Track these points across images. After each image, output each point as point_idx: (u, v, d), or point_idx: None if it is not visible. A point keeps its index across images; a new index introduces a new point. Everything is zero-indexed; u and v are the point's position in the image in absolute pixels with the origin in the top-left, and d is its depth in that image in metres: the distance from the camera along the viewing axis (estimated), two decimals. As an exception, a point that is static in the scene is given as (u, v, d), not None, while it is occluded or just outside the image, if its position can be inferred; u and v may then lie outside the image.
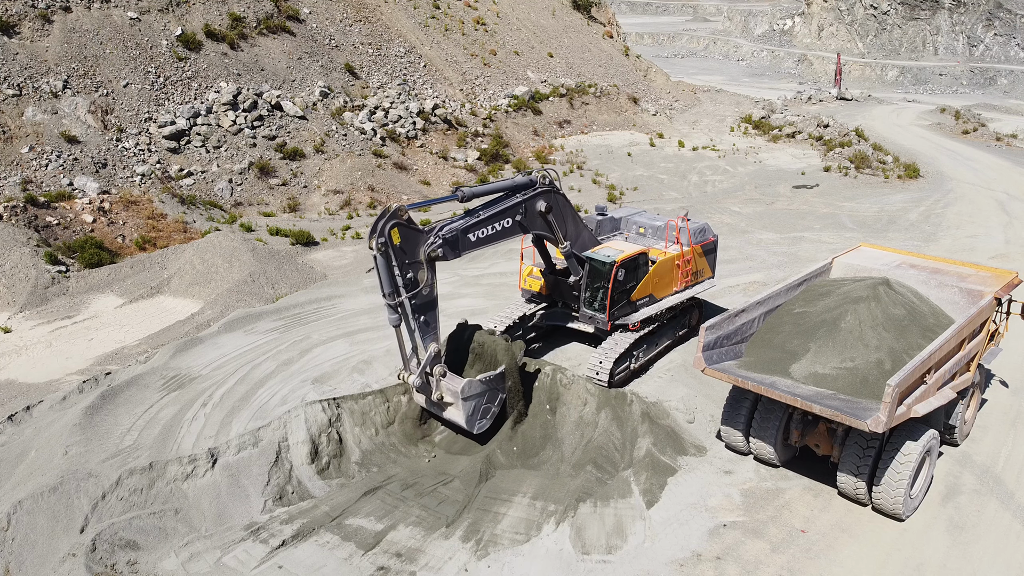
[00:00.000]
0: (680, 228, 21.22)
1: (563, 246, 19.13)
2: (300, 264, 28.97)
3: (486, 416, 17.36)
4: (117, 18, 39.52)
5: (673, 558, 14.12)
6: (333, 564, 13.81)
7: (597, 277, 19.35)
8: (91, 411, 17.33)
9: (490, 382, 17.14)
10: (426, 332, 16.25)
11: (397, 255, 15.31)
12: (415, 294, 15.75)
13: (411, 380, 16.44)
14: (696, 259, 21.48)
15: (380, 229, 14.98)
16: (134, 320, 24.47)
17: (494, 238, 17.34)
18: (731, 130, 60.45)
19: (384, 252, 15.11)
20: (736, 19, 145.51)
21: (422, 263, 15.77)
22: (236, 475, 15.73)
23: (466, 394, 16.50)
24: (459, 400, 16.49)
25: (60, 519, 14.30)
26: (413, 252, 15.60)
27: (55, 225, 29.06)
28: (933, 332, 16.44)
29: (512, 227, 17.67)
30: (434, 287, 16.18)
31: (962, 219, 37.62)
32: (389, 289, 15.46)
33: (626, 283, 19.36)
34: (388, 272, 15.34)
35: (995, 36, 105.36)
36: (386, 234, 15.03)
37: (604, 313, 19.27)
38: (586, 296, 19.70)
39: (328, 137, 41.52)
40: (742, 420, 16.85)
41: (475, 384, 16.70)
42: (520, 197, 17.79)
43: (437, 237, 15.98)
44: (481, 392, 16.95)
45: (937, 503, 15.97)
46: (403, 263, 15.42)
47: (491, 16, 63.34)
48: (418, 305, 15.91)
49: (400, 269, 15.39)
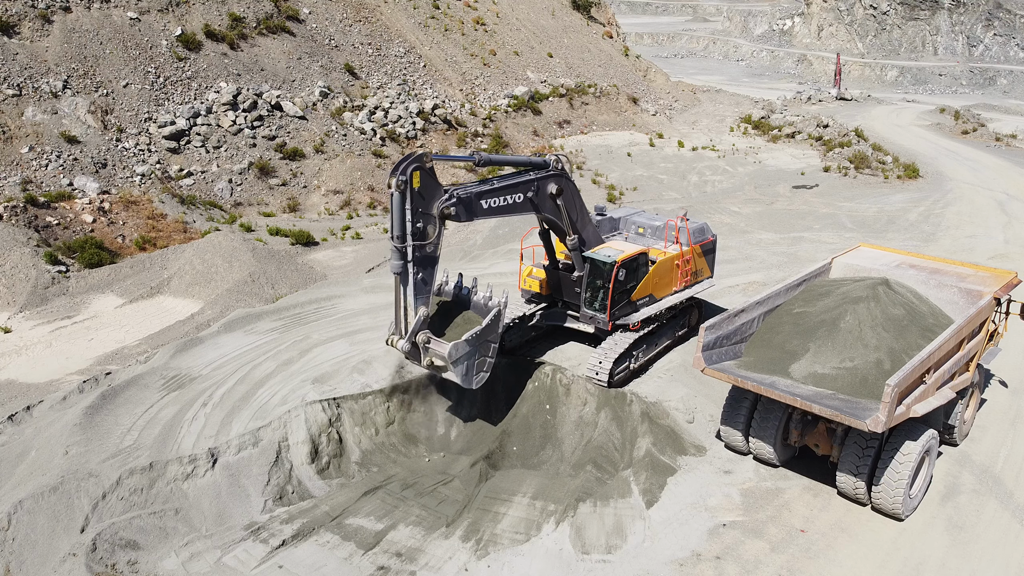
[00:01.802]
0: (679, 228, 21.24)
1: (571, 239, 19.17)
2: (300, 264, 28.99)
3: (482, 369, 17.07)
4: (117, 18, 39.53)
5: (673, 558, 14.13)
6: (333, 564, 13.83)
7: (598, 277, 19.38)
8: (91, 411, 17.34)
9: (478, 338, 16.75)
10: (420, 292, 16.06)
11: (414, 199, 15.32)
12: (421, 246, 15.70)
13: (400, 346, 16.21)
14: (695, 259, 21.51)
15: (403, 169, 15.07)
16: (134, 320, 24.48)
17: (505, 210, 17.41)
18: (731, 130, 60.48)
19: (402, 191, 15.14)
20: (736, 19, 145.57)
21: (434, 218, 15.77)
22: (236, 475, 15.75)
23: (454, 357, 16.21)
24: (449, 363, 16.25)
25: (60, 519, 14.32)
26: (428, 203, 15.62)
27: (55, 225, 29.07)
28: (932, 332, 16.46)
29: (523, 203, 17.72)
30: (438, 247, 16.15)
31: (961, 219, 37.65)
32: (399, 232, 15.40)
33: (627, 283, 19.39)
34: (401, 213, 15.30)
35: (995, 36, 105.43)
36: (408, 174, 15.07)
37: (605, 313, 19.29)
38: (586, 296, 19.71)
39: (328, 137, 41.54)
40: (742, 420, 16.87)
41: (461, 345, 16.34)
42: (533, 175, 17.97)
43: (453, 196, 16.06)
44: (471, 351, 16.60)
45: (936, 503, 15.99)
46: (416, 211, 15.40)
47: (491, 16, 63.37)
48: (420, 259, 15.79)
49: (413, 215, 15.37)
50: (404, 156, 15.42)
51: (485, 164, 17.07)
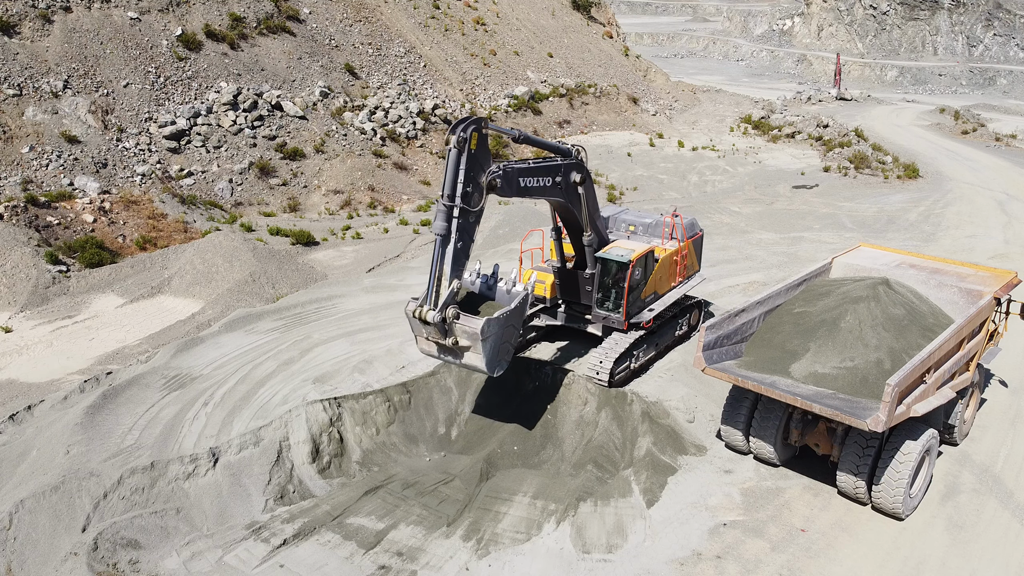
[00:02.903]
0: (674, 224, 21.40)
1: (587, 236, 19.22)
2: (300, 264, 29.01)
3: (505, 356, 16.29)
4: (117, 18, 39.54)
5: (673, 557, 14.15)
6: (334, 563, 13.84)
7: (612, 276, 19.40)
8: (92, 410, 17.36)
9: (508, 318, 15.93)
10: (457, 261, 15.50)
11: (469, 160, 15.24)
12: (466, 211, 15.40)
13: (431, 316, 15.06)
14: (690, 253, 21.74)
15: (464, 127, 15.06)
16: (135, 320, 24.50)
17: (536, 191, 17.33)
18: (731, 130, 60.49)
19: (460, 149, 15.07)
20: (736, 19, 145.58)
21: (481, 187, 15.63)
22: (237, 474, 15.77)
23: (486, 334, 15.21)
24: (478, 342, 15.23)
25: (62, 518, 14.33)
26: (479, 170, 15.52)
27: (56, 225, 29.08)
28: (932, 332, 16.48)
29: (552, 187, 17.69)
30: (479, 220, 15.91)
31: (961, 219, 37.67)
32: (450, 191, 15.18)
33: (640, 281, 19.52)
34: (455, 172, 15.14)
35: (994, 36, 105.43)
36: (468, 134, 15.04)
37: (620, 313, 19.33)
38: (598, 296, 19.73)
39: (328, 137, 41.56)
40: (742, 419, 16.90)
41: (493, 322, 15.42)
42: (561, 160, 18.01)
43: (499, 168, 16.05)
44: (499, 331, 15.68)
45: (936, 502, 16.01)
46: (468, 175, 15.28)
47: (491, 16, 63.38)
48: (463, 225, 15.43)
49: (465, 176, 15.22)
50: (463, 117, 15.35)
51: (523, 141, 17.21)
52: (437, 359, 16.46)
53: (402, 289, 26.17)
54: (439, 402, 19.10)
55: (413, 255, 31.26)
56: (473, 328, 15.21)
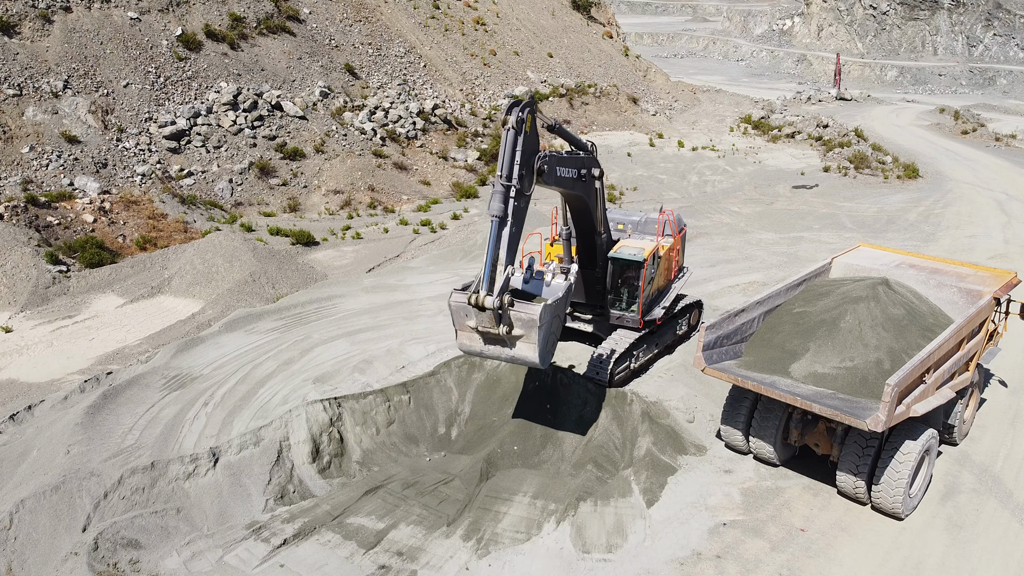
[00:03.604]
0: (665, 220, 21.52)
1: (603, 235, 19.24)
2: (300, 264, 29.02)
3: (552, 348, 15.51)
4: (117, 18, 39.55)
5: (673, 557, 14.17)
6: (334, 563, 13.85)
7: (625, 275, 19.42)
8: (93, 410, 17.37)
9: (558, 306, 15.41)
10: (512, 245, 15.02)
11: (525, 141, 15.10)
12: (521, 193, 15.14)
13: (489, 302, 14.24)
14: (681, 248, 21.92)
15: (521, 108, 14.98)
16: (135, 320, 24.51)
17: (567, 183, 17.12)
18: (731, 130, 60.51)
19: (518, 130, 14.91)
20: (736, 19, 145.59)
21: (531, 171, 15.47)
22: (238, 474, 15.77)
23: (545, 320, 14.54)
24: (533, 330, 14.51)
25: (62, 518, 14.34)
26: (530, 153, 15.35)
27: (56, 225, 29.09)
28: (932, 332, 16.49)
29: (578, 180, 17.53)
30: (528, 206, 15.62)
31: (961, 219, 37.69)
32: (507, 171, 14.93)
33: (652, 278, 19.60)
34: (512, 152, 14.92)
35: (994, 36, 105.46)
36: (524, 115, 14.93)
37: (636, 312, 19.38)
38: (611, 296, 19.75)
39: (328, 137, 41.57)
40: (742, 419, 16.91)
41: (548, 309, 14.78)
42: (584, 154, 17.98)
43: (546, 154, 15.99)
44: (551, 320, 15.00)
45: (936, 502, 16.02)
46: (523, 157, 15.12)
47: (491, 16, 63.40)
48: (516, 208, 15.12)
49: (521, 158, 15.03)
50: (516, 99, 15.27)
51: (556, 131, 16.97)
52: (478, 355, 15.58)
53: (402, 289, 26.19)
54: (439, 402, 19.11)
55: (413, 255, 31.28)
56: (531, 314, 14.44)
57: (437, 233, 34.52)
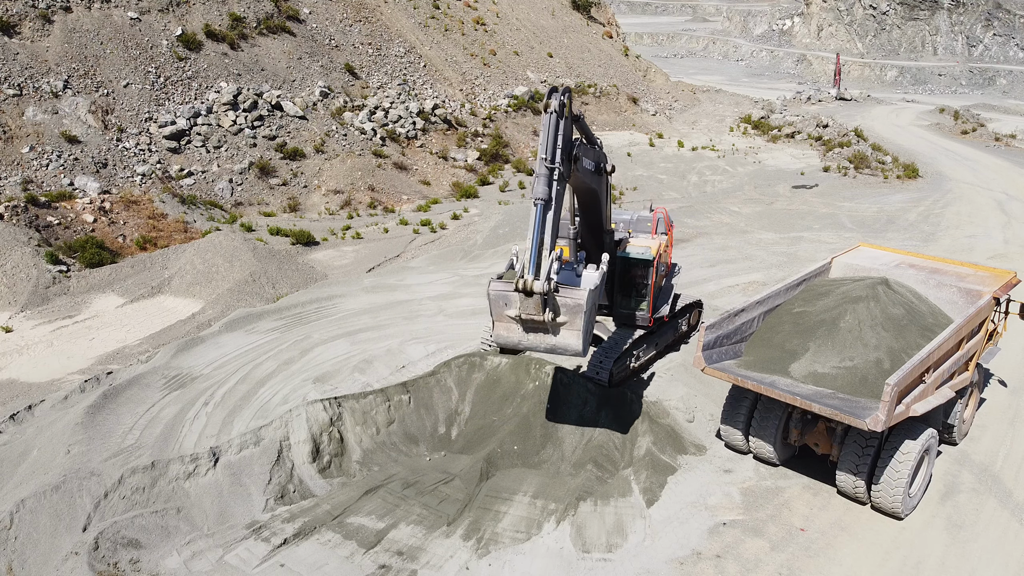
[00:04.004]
0: (658, 218, 21.62)
1: (608, 233, 19.27)
2: (301, 264, 29.03)
3: (591, 335, 15.06)
4: (117, 18, 39.56)
5: (673, 556, 14.18)
6: (334, 562, 13.86)
7: (636, 274, 19.45)
8: (93, 410, 17.39)
9: (597, 293, 14.85)
10: (554, 233, 14.73)
11: (565, 125, 15.08)
12: (563, 177, 14.97)
13: (538, 286, 13.61)
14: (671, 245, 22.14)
15: (561, 92, 15.06)
16: (135, 320, 24.52)
17: (587, 174, 17.02)
18: (730, 130, 60.51)
19: (560, 114, 14.93)
20: (735, 19, 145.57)
21: (571, 156, 15.40)
22: (238, 474, 15.78)
23: (590, 303, 14.06)
24: (579, 315, 13.96)
25: (63, 518, 14.35)
26: (567, 138, 15.28)
27: (56, 225, 29.10)
28: (932, 332, 16.51)
29: (595, 172, 17.56)
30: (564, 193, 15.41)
31: (961, 219, 37.70)
32: (551, 154, 14.77)
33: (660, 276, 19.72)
34: (555, 135, 14.86)
35: (994, 36, 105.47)
36: (565, 99, 14.99)
37: (647, 310, 19.44)
38: (619, 296, 19.80)
39: (328, 137, 41.58)
40: (742, 419, 16.92)
41: (592, 294, 14.26)
42: (598, 148, 17.97)
43: (578, 142, 16.05)
44: (592, 306, 14.43)
45: (936, 502, 16.04)
46: (565, 140, 15.09)
47: (491, 16, 63.40)
48: (559, 192, 14.90)
49: (563, 141, 14.96)
50: (555, 85, 15.26)
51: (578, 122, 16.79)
52: (514, 347, 14.86)
53: (402, 289, 26.20)
54: (439, 402, 19.12)
55: (413, 255, 31.29)
56: (577, 299, 13.95)
57: (437, 233, 34.54)
